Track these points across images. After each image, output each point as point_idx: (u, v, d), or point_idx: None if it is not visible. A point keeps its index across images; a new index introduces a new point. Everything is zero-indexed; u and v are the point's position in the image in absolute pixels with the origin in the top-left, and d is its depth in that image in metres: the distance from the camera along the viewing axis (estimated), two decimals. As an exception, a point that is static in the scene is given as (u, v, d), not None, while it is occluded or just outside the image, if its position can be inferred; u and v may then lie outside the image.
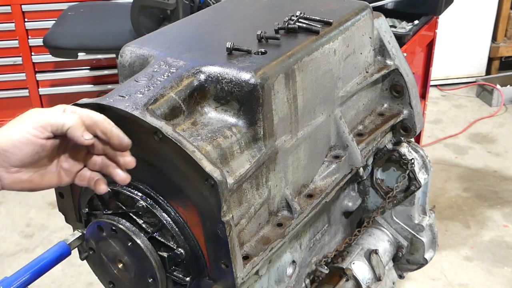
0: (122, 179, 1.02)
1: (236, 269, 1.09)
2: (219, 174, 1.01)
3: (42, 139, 0.94)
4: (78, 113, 0.97)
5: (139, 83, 1.14)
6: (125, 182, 1.02)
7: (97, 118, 0.97)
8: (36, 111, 0.96)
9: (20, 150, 0.93)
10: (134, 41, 1.32)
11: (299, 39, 1.28)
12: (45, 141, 0.94)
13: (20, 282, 1.12)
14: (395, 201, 1.71)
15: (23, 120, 0.94)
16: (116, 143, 0.98)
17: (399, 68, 1.55)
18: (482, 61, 4.41)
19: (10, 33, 3.50)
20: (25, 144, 0.93)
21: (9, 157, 0.94)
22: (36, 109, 0.97)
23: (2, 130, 0.95)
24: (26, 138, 0.93)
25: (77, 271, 2.72)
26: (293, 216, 1.27)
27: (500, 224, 2.98)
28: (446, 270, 2.70)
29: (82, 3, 3.45)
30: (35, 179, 0.99)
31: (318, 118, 1.34)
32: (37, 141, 0.94)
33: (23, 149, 0.93)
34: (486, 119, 3.97)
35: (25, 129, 0.93)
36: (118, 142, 0.98)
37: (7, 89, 3.63)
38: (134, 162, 1.01)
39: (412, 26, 2.40)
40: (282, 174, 1.26)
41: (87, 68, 3.66)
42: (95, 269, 1.26)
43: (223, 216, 1.03)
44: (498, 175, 3.37)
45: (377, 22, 1.52)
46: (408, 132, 1.62)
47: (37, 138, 0.93)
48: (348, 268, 1.61)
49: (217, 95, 1.17)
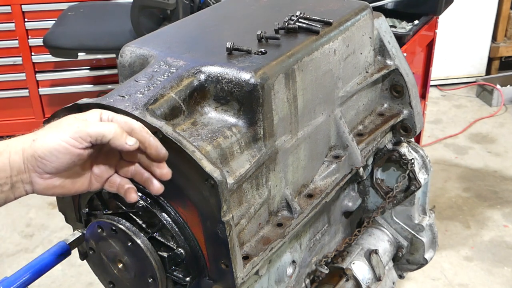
0: (157, 189, 1.01)
1: (236, 269, 1.09)
2: (219, 174, 1.01)
3: (80, 149, 0.93)
4: (116, 120, 0.96)
5: (139, 83, 1.14)
6: (159, 192, 1.02)
7: (134, 125, 0.97)
8: (75, 120, 0.95)
9: (57, 159, 0.93)
10: (134, 41, 1.32)
11: (299, 39, 1.28)
12: (82, 151, 0.94)
13: (20, 282, 1.12)
14: (395, 201, 1.71)
15: (62, 128, 0.93)
16: (153, 154, 0.98)
17: (399, 68, 1.55)
18: (482, 61, 4.41)
19: (10, 33, 3.50)
20: (63, 153, 0.92)
21: (45, 164, 0.93)
22: (75, 117, 0.96)
23: (39, 135, 0.94)
24: (64, 148, 0.92)
25: (77, 271, 2.72)
26: (293, 216, 1.27)
27: (500, 224, 2.98)
28: (446, 270, 2.70)
29: (82, 3, 3.45)
30: (66, 184, 0.98)
31: (318, 118, 1.34)
32: (74, 151, 0.93)
33: (60, 157, 0.93)
34: (486, 119, 3.98)
35: (64, 138, 0.92)
36: (155, 153, 0.98)
37: (7, 89, 3.63)
38: (170, 174, 1.01)
39: (412, 26, 2.40)
40: (282, 174, 1.26)
41: (87, 68, 3.66)
42: (95, 269, 1.25)
43: (223, 216, 1.03)
44: (498, 175, 3.37)
45: (377, 22, 1.52)
46: (408, 132, 1.62)
47: (75, 148, 0.93)
48: (348, 268, 1.61)
49: (217, 95, 1.17)
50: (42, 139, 0.93)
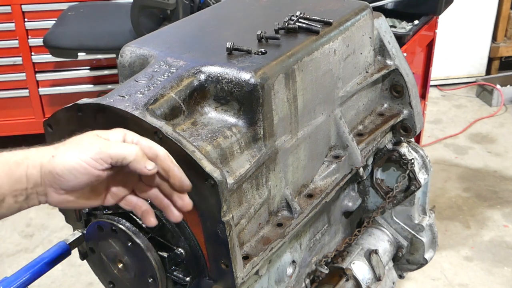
0: (176, 218, 1.00)
1: (236, 269, 1.09)
2: (219, 174, 1.01)
3: (100, 171, 0.91)
4: (140, 144, 0.94)
5: (139, 83, 1.14)
6: (178, 221, 1.00)
7: (159, 152, 0.95)
8: (97, 139, 0.92)
9: (75, 178, 0.91)
10: (134, 41, 1.32)
11: (299, 39, 1.28)
12: (101, 172, 0.92)
13: (20, 282, 1.12)
14: (395, 201, 1.71)
15: (83, 146, 0.91)
16: (176, 184, 0.96)
17: (399, 68, 1.55)
18: (482, 61, 4.41)
19: (10, 33, 3.50)
20: (81, 173, 0.91)
21: (62, 182, 0.91)
22: (97, 136, 0.93)
23: (59, 151, 0.92)
24: (84, 168, 0.90)
25: (77, 271, 2.71)
26: (293, 216, 1.27)
27: (500, 224, 2.98)
28: (446, 270, 2.70)
29: (82, 3, 3.45)
30: (81, 199, 0.97)
31: (318, 118, 1.34)
32: (94, 172, 0.91)
33: (78, 177, 0.91)
34: (486, 119, 3.97)
35: (84, 158, 0.90)
36: (179, 184, 0.96)
37: (7, 89, 3.62)
38: (191, 205, 0.99)
39: (412, 26, 2.40)
40: (282, 174, 1.26)
41: (87, 68, 3.66)
42: (95, 269, 1.25)
43: (223, 216, 1.03)
44: (498, 175, 3.37)
45: (377, 22, 1.52)
46: (408, 132, 1.62)
47: (94, 169, 0.91)
48: (348, 268, 1.61)
49: (217, 95, 1.17)
50: (61, 156, 0.91)
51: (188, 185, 0.97)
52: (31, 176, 0.92)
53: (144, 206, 1.00)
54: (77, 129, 1.10)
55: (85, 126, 1.10)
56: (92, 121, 1.08)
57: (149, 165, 0.92)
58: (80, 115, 1.09)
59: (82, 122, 1.10)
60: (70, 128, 1.12)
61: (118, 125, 1.04)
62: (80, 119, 1.10)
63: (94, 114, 1.08)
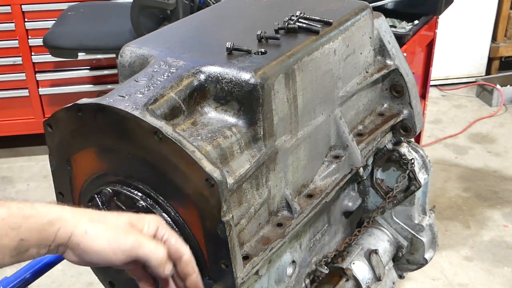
0: None
1: (236, 269, 1.09)
2: (219, 174, 1.01)
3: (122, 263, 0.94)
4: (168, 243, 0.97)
5: (139, 83, 1.13)
6: None
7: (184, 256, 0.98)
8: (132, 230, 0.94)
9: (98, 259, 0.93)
10: (134, 41, 1.32)
11: (299, 39, 1.28)
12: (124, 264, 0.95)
13: (20, 282, 1.12)
14: (395, 201, 1.71)
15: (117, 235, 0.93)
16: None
17: (399, 68, 1.55)
18: (482, 61, 4.41)
19: (10, 33, 3.50)
20: (105, 260, 0.93)
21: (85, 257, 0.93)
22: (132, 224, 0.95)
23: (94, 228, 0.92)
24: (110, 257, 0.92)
25: (77, 271, 2.72)
26: (293, 216, 1.27)
27: (500, 224, 2.98)
28: (446, 270, 2.70)
29: (82, 3, 3.45)
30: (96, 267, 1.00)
31: (318, 118, 1.34)
32: (117, 262, 0.94)
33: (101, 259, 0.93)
34: (486, 119, 3.98)
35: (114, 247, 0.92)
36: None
37: (7, 89, 3.63)
38: None
39: (412, 26, 2.40)
40: (282, 174, 1.26)
41: (87, 68, 3.66)
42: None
43: (223, 216, 1.03)
44: (498, 175, 3.37)
45: (377, 22, 1.52)
46: (408, 132, 1.62)
47: (119, 261, 0.93)
48: (348, 268, 1.61)
49: (217, 95, 1.17)
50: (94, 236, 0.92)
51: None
52: (60, 238, 0.92)
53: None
54: (77, 129, 1.10)
55: (85, 126, 1.10)
56: (92, 121, 1.08)
57: (167, 270, 0.96)
58: (80, 115, 1.09)
59: (82, 122, 1.10)
60: (70, 128, 1.12)
61: (118, 125, 1.04)
62: (80, 119, 1.10)
63: (94, 114, 1.08)
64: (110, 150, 1.11)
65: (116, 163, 1.10)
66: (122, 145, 1.07)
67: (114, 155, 1.09)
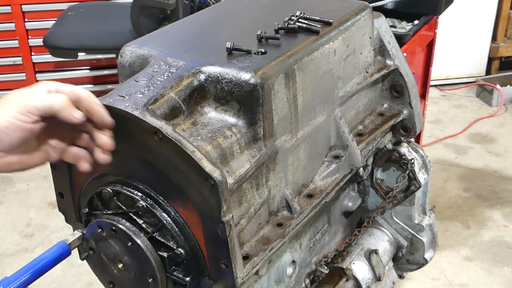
0: (100, 159, 1.01)
1: (236, 269, 1.09)
2: (219, 174, 1.01)
3: (30, 123, 0.92)
4: (63, 91, 0.95)
5: (139, 83, 1.14)
6: (104, 162, 1.01)
7: (81, 94, 0.96)
8: (22, 94, 0.93)
9: (8, 136, 0.92)
10: (134, 41, 1.32)
11: (299, 39, 1.28)
12: (32, 125, 0.93)
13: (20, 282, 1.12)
14: (395, 201, 1.71)
15: (8, 104, 0.92)
16: (97, 121, 0.97)
17: (399, 68, 1.55)
18: (482, 61, 4.41)
19: (10, 33, 3.50)
20: (13, 130, 0.91)
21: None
22: (20, 92, 0.94)
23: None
24: (13, 124, 0.91)
25: (77, 271, 2.72)
26: (293, 216, 1.27)
27: (500, 224, 2.98)
28: (446, 270, 2.70)
29: (82, 3, 3.45)
30: (24, 160, 0.97)
31: (318, 118, 1.34)
32: (25, 126, 0.92)
33: (11, 134, 0.92)
34: (486, 119, 3.98)
35: (11, 115, 0.91)
36: (100, 120, 0.97)
37: (7, 89, 3.63)
38: (110, 145, 1.00)
39: (412, 26, 2.40)
40: (282, 174, 1.26)
41: (87, 68, 3.67)
42: (95, 269, 1.26)
43: (223, 216, 1.03)
44: (498, 175, 3.37)
45: (377, 22, 1.52)
46: (408, 132, 1.62)
47: (24, 123, 0.92)
48: (348, 268, 1.61)
49: (217, 95, 1.17)
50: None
51: (109, 121, 0.98)
52: None
53: (85, 155, 1.02)
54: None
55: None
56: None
57: (76, 113, 0.94)
58: (80, 115, 1.09)
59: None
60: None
61: (118, 125, 1.04)
62: (80, 119, 1.10)
63: (94, 114, 1.08)
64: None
65: (116, 163, 1.10)
66: (122, 145, 1.07)
67: (114, 155, 1.09)
